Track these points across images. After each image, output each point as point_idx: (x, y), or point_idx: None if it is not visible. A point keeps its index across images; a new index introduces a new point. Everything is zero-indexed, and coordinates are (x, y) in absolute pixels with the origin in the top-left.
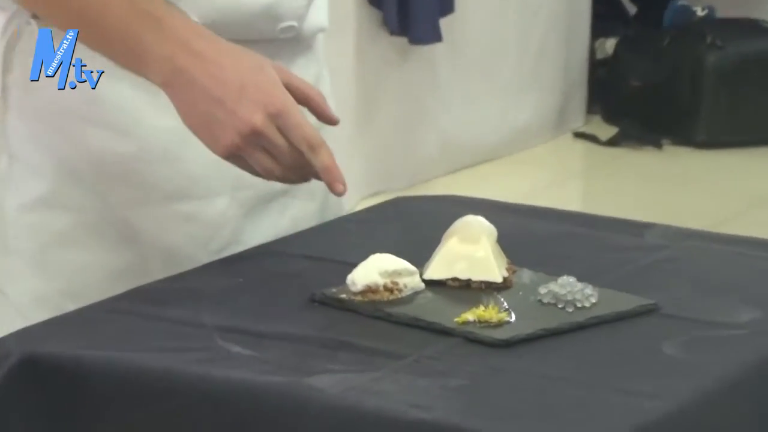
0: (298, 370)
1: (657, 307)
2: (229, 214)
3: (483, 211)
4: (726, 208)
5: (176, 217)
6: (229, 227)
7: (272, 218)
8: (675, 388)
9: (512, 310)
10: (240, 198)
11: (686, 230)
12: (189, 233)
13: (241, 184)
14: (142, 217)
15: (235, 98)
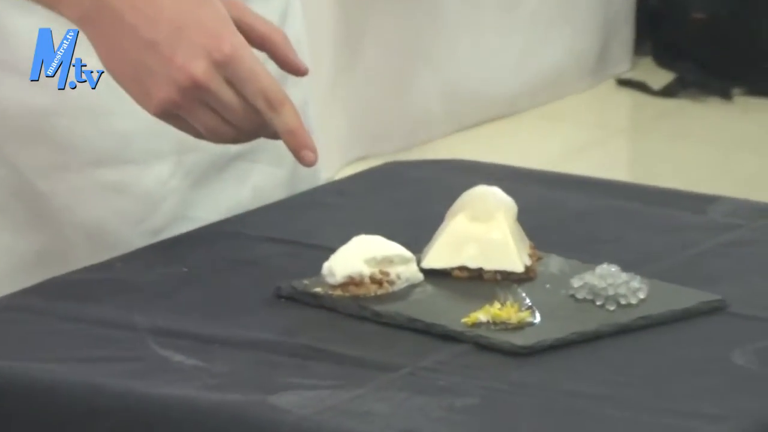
0: (259, 386)
1: (724, 304)
2: (171, 184)
3: (499, 179)
4: None
5: (103, 187)
6: (171, 201)
7: (228, 189)
8: (746, 408)
9: (537, 309)
10: (186, 163)
11: (762, 205)
12: (120, 208)
13: (188, 145)
14: (60, 187)
15: (171, 41)
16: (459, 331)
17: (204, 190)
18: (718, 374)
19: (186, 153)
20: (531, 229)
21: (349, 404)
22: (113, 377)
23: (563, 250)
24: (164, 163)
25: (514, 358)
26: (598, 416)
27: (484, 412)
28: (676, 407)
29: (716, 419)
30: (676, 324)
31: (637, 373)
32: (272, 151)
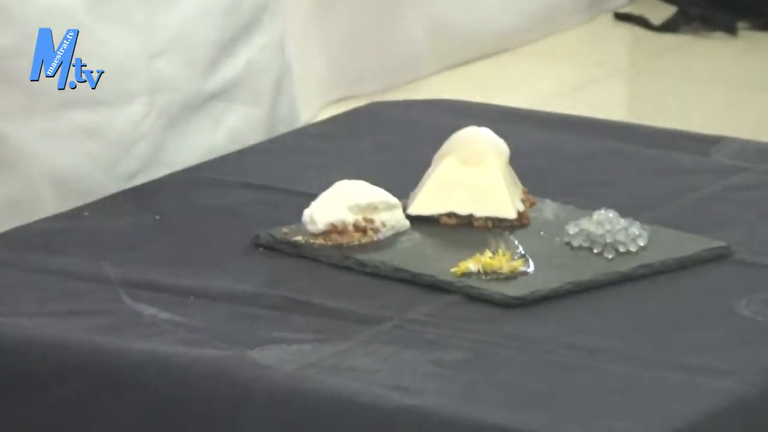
0: (238, 341)
1: (729, 251)
2: (144, 126)
3: (490, 120)
4: None
5: (73, 130)
6: (144, 144)
7: (203, 131)
8: (753, 361)
9: (530, 257)
10: (159, 104)
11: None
12: (91, 153)
13: (162, 84)
14: (26, 131)
15: None
16: (448, 281)
17: (178, 132)
18: (723, 326)
19: (159, 93)
20: (524, 173)
21: (333, 359)
22: (84, 332)
23: (558, 195)
24: (136, 104)
25: (506, 310)
26: (596, 371)
27: (475, 367)
28: (679, 361)
29: (722, 374)
30: (678, 272)
31: (637, 325)
32: (249, 90)
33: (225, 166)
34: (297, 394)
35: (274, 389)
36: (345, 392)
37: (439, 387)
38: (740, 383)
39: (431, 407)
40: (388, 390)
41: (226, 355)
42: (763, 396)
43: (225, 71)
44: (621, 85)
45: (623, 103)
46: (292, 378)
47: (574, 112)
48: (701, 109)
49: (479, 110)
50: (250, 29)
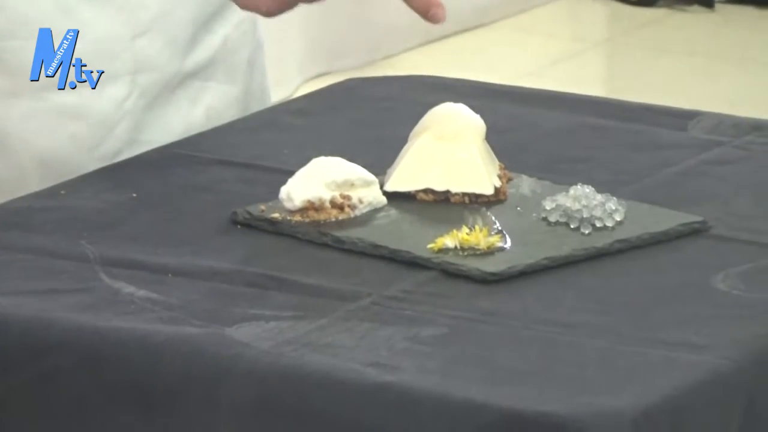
0: (215, 318)
1: (706, 225)
2: (126, 106)
3: (467, 96)
4: None
5: (58, 112)
6: (125, 124)
7: (181, 110)
8: (730, 336)
9: (507, 233)
10: (140, 84)
11: (746, 120)
12: (74, 133)
13: (144, 64)
14: (11, 113)
15: None
16: (425, 257)
17: (157, 111)
18: (700, 300)
19: (140, 73)
20: (500, 149)
21: (311, 336)
22: (62, 311)
23: (535, 170)
24: (119, 85)
25: (483, 286)
26: (573, 346)
27: (452, 343)
28: (656, 336)
29: (699, 348)
30: (655, 247)
31: (614, 300)
32: (225, 68)
33: (202, 144)
34: (275, 371)
35: (251, 366)
36: (322, 369)
37: (417, 363)
38: (716, 357)
39: (408, 383)
40: (365, 366)
41: (203, 333)
42: (739, 370)
43: (203, 49)
44: (598, 60)
45: (601, 77)
46: (269, 355)
47: (552, 87)
48: (678, 82)
49: (456, 86)
50: (226, 6)
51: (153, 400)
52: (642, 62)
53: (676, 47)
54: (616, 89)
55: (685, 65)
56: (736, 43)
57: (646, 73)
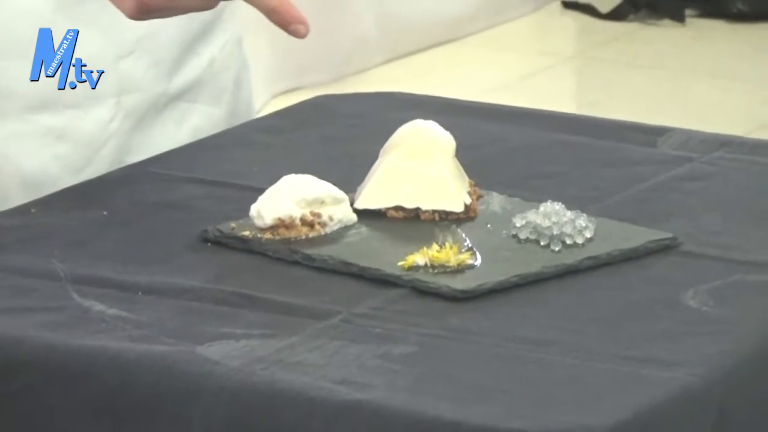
0: (186, 336)
1: (675, 242)
2: (112, 128)
3: (436, 113)
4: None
5: (43, 134)
6: (111, 145)
7: (167, 131)
8: (700, 352)
9: (477, 250)
10: (126, 105)
11: (715, 136)
12: (60, 155)
13: (129, 85)
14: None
15: None
16: (395, 275)
17: (143, 133)
18: (670, 317)
19: (126, 94)
20: (470, 166)
21: (281, 354)
22: (33, 329)
23: (505, 187)
24: (104, 106)
25: (453, 303)
26: (544, 363)
27: (423, 361)
28: (626, 353)
29: (670, 365)
30: (624, 264)
31: (584, 317)
32: (211, 89)
33: (172, 161)
34: (245, 389)
35: (222, 384)
36: (293, 387)
37: (387, 381)
38: (686, 374)
39: (379, 401)
40: (335, 384)
41: (174, 351)
42: (709, 386)
43: (189, 71)
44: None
45: (571, 92)
46: (240, 373)
47: (522, 102)
48: (649, 96)
49: (426, 102)
50: (212, 27)
51: (124, 418)
52: (612, 77)
53: (646, 62)
54: (587, 104)
55: (656, 80)
56: (707, 58)
57: (617, 87)
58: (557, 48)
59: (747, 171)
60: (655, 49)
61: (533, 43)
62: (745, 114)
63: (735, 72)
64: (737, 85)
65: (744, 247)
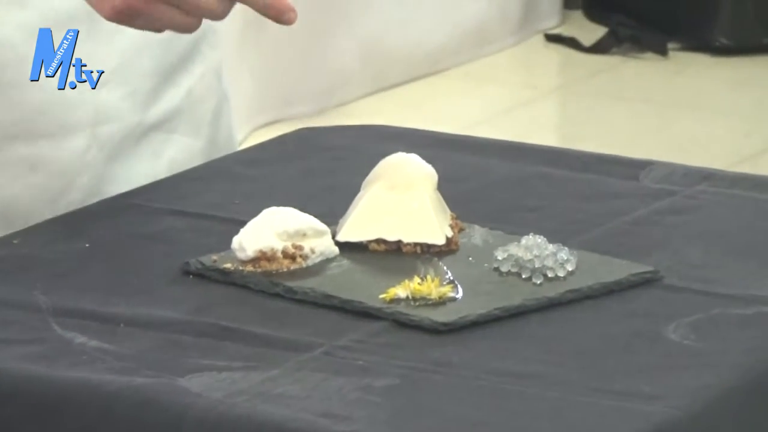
0: (167, 368)
1: (657, 275)
2: (87, 158)
3: (419, 146)
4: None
5: (16, 164)
6: (86, 176)
7: (144, 162)
8: (682, 386)
9: (459, 283)
10: (101, 136)
11: (697, 170)
12: (34, 185)
13: (104, 115)
14: None
15: None
16: (377, 307)
17: (119, 164)
18: (652, 350)
19: (101, 125)
20: (452, 199)
21: (262, 386)
22: (13, 360)
23: (487, 220)
24: (79, 136)
25: (435, 336)
26: (525, 396)
27: (404, 393)
28: (608, 386)
29: (652, 398)
30: (606, 297)
31: (566, 350)
32: (189, 120)
33: (154, 193)
34: (227, 422)
35: (203, 416)
36: (274, 419)
37: (368, 413)
38: (667, 407)
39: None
40: (317, 417)
41: (155, 383)
42: (691, 420)
43: (167, 101)
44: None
45: (554, 125)
46: (222, 405)
47: (504, 135)
48: (632, 130)
49: (408, 135)
50: (190, 58)
51: None
52: (595, 110)
53: (629, 95)
54: (569, 137)
55: (639, 113)
56: (690, 91)
57: (599, 120)
58: (540, 81)
59: (729, 204)
60: (638, 83)
61: (516, 76)
62: (728, 147)
63: (717, 105)
64: (720, 119)
65: (725, 281)
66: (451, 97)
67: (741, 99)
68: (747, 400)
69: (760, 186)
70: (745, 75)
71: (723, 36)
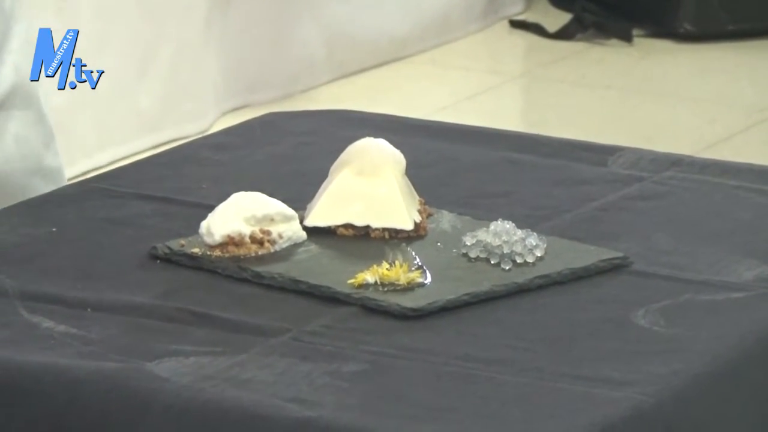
0: (135, 353)
1: (626, 261)
2: None
3: (386, 131)
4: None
5: None
6: None
7: None
8: (651, 372)
9: (427, 268)
10: None
11: (666, 156)
12: None
13: None
14: None
15: None
16: (345, 293)
17: None
18: (621, 336)
19: None
20: (420, 184)
21: (230, 371)
22: None
23: (455, 205)
24: None
25: (403, 322)
26: (494, 382)
27: (372, 379)
28: (577, 372)
29: (621, 384)
30: (575, 283)
31: (535, 336)
32: (23, 94)
33: (121, 178)
34: (195, 407)
35: (171, 401)
36: (242, 404)
37: (337, 399)
38: (636, 393)
39: (328, 419)
40: (285, 402)
41: (123, 368)
42: (659, 406)
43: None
44: (516, 94)
45: (518, 111)
46: (189, 390)
47: (470, 121)
48: (596, 116)
49: (376, 120)
50: (6, 34)
51: None
52: (560, 96)
53: (594, 81)
54: (534, 123)
55: (604, 99)
56: (655, 77)
57: (564, 107)
58: (505, 67)
59: (697, 191)
60: (603, 69)
61: (481, 63)
62: (693, 134)
63: (682, 92)
64: (684, 105)
65: (694, 267)
66: (416, 83)
67: (705, 85)
68: (716, 387)
69: (729, 172)
70: (709, 61)
71: (687, 22)
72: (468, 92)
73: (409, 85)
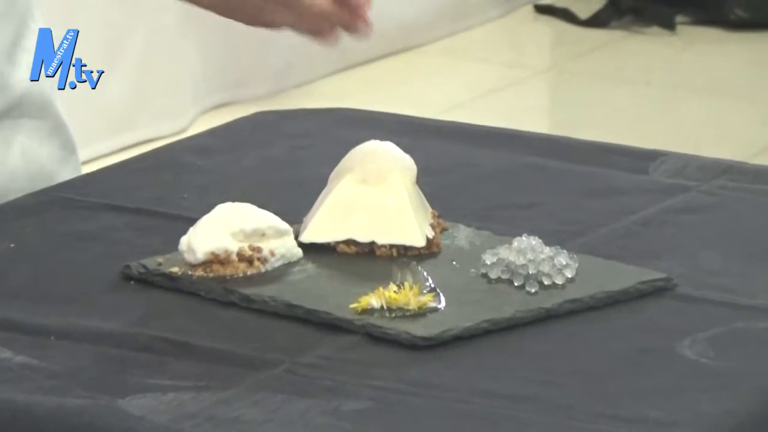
0: (105, 388)
1: (670, 283)
2: None
3: (393, 132)
4: None
5: None
6: None
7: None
8: (698, 412)
9: (441, 291)
10: None
11: (715, 162)
12: None
13: None
14: None
15: None
16: (347, 319)
17: None
18: (663, 370)
19: None
20: (433, 194)
21: (214, 409)
22: None
23: (473, 218)
24: None
25: (413, 352)
26: (518, 422)
27: (377, 418)
28: (613, 411)
29: (663, 426)
30: (611, 309)
31: (565, 369)
32: (36, 101)
33: (88, 186)
34: None
35: None
36: None
37: None
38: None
39: None
40: None
41: (92, 405)
42: None
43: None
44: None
45: (544, 110)
46: (168, 430)
47: (489, 121)
48: (634, 116)
49: (382, 120)
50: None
51: None
52: (592, 93)
53: (631, 75)
54: (562, 123)
55: (642, 96)
56: (700, 71)
57: (596, 105)
58: (529, 59)
59: (751, 202)
60: (642, 61)
61: (501, 54)
62: (744, 136)
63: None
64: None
65: (748, 290)
66: (427, 77)
67: (759, 80)
68: None
69: None
70: (764, 53)
71: (739, 8)
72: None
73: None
